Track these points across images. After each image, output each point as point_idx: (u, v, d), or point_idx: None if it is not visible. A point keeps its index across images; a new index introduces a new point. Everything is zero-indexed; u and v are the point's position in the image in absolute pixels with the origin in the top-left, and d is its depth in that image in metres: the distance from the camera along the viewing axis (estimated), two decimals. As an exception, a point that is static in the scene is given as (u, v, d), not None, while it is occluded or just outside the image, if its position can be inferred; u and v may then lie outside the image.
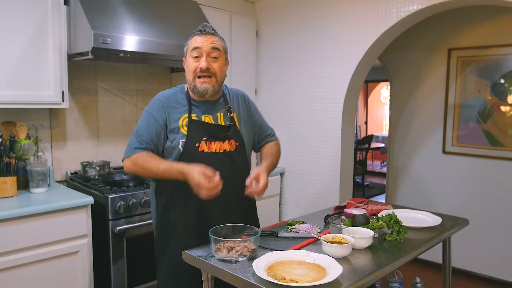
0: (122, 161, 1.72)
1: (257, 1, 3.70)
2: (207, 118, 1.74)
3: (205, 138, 1.70)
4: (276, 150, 1.96)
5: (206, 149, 1.69)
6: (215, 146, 1.71)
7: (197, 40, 1.70)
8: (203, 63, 1.67)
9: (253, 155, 2.66)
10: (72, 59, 2.54)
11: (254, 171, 1.69)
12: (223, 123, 1.76)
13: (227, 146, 1.73)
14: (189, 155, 1.67)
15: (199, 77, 1.69)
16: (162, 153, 1.73)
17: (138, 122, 1.75)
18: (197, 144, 1.68)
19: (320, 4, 3.27)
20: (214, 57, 1.70)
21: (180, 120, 1.71)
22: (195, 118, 1.72)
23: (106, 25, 2.35)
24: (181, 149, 1.68)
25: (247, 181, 1.65)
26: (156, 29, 2.60)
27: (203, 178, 1.49)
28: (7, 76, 2.26)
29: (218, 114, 1.77)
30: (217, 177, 1.52)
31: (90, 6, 2.36)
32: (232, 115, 1.79)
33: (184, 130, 1.69)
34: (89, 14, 2.31)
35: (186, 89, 1.79)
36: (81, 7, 2.32)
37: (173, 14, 2.83)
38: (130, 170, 1.70)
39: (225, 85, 1.87)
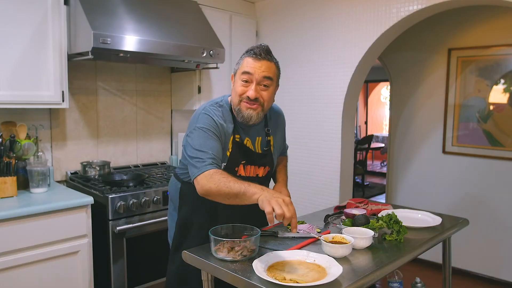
0: (192, 181, 1.53)
1: (257, 1, 3.70)
2: (248, 142, 1.69)
3: (244, 162, 1.68)
4: (285, 161, 1.99)
5: (243, 173, 1.69)
6: (251, 171, 1.71)
7: (250, 64, 1.58)
8: (251, 92, 1.56)
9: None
10: (72, 59, 2.54)
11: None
12: (259, 149, 1.74)
13: (261, 171, 1.74)
14: None
15: (245, 101, 1.60)
16: None
17: (194, 139, 1.56)
18: (236, 169, 1.67)
19: (320, 4, 3.27)
20: (264, 85, 1.60)
21: (230, 141, 1.65)
22: (238, 140, 1.67)
23: (106, 25, 2.35)
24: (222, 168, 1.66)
25: None
26: (156, 29, 2.60)
27: (292, 207, 1.31)
28: (7, 76, 2.26)
29: (257, 138, 1.73)
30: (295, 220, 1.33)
31: (90, 6, 2.36)
32: (269, 138, 1.76)
33: (228, 152, 1.65)
34: (89, 14, 2.31)
35: (229, 102, 1.69)
36: (81, 7, 2.32)
37: (173, 14, 2.83)
38: (204, 188, 1.46)
39: None
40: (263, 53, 1.58)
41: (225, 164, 1.65)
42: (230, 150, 1.65)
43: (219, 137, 1.59)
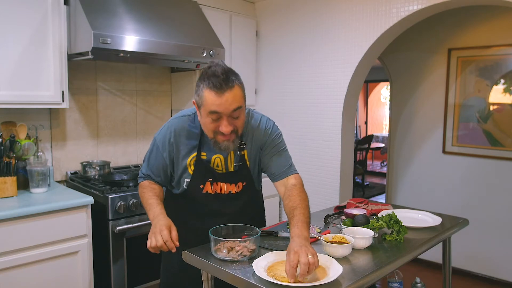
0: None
1: (257, 1, 3.70)
2: (217, 159, 1.63)
3: (210, 179, 1.63)
4: (297, 201, 1.53)
5: (210, 191, 1.64)
6: (221, 188, 1.64)
7: (214, 102, 1.42)
8: (225, 129, 1.46)
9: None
10: (72, 59, 2.53)
11: (290, 248, 1.29)
12: (231, 166, 1.65)
13: (233, 188, 1.65)
14: (192, 194, 1.64)
15: (220, 135, 1.51)
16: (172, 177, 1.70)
17: (149, 148, 1.70)
18: (201, 186, 1.63)
19: (320, 4, 3.27)
20: (235, 117, 1.48)
21: (189, 159, 1.62)
22: (204, 157, 1.61)
23: (106, 25, 2.35)
24: (185, 187, 1.65)
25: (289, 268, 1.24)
26: (156, 29, 2.60)
27: (165, 232, 1.40)
28: (7, 76, 2.26)
29: (230, 153, 1.62)
30: (173, 243, 1.40)
31: (90, 6, 2.36)
32: (243, 152, 1.65)
33: (190, 170, 1.62)
34: (89, 14, 2.31)
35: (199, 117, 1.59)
36: (81, 7, 2.32)
37: (173, 14, 2.83)
38: (139, 189, 1.72)
39: (248, 109, 1.66)
40: (223, 83, 1.41)
41: (188, 180, 1.63)
42: (192, 167, 1.61)
43: (168, 154, 1.63)
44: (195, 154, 1.61)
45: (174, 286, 1.81)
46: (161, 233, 1.39)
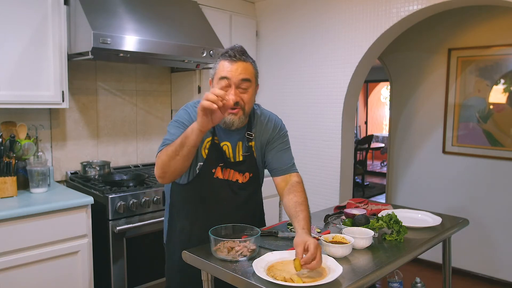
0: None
1: (257, 1, 3.70)
2: (225, 146, 1.66)
3: (221, 164, 1.65)
4: (302, 198, 1.62)
5: (220, 176, 1.66)
6: (230, 174, 1.67)
7: (226, 68, 1.53)
8: (231, 97, 1.50)
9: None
10: (72, 59, 2.54)
11: (297, 240, 1.37)
12: (239, 155, 1.68)
13: (240, 177, 1.68)
14: (204, 178, 1.65)
15: None
16: None
17: (170, 125, 1.65)
18: (213, 170, 1.64)
19: (320, 4, 3.27)
20: (243, 88, 1.57)
21: (204, 144, 1.63)
22: (217, 141, 1.64)
23: (106, 25, 2.35)
24: (198, 171, 1.66)
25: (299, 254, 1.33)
26: (156, 29, 2.60)
27: (210, 95, 1.34)
28: (7, 76, 2.26)
29: (238, 142, 1.67)
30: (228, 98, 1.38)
31: (90, 6, 2.36)
32: (251, 143, 1.69)
33: (204, 154, 1.64)
34: (89, 14, 2.31)
35: None
36: (81, 7, 2.32)
37: (173, 14, 2.83)
38: (158, 166, 1.51)
39: (258, 105, 1.76)
40: (238, 54, 1.54)
41: (201, 163, 1.64)
42: (207, 151, 1.63)
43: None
44: (210, 138, 1.64)
45: (178, 284, 1.81)
46: (208, 96, 1.33)
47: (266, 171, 1.78)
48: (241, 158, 1.68)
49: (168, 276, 1.80)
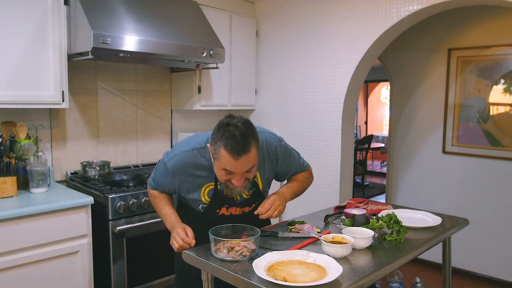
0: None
1: (257, 1, 3.70)
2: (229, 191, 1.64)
3: (226, 206, 1.71)
4: (302, 177, 1.83)
5: (226, 213, 1.72)
6: (235, 210, 1.73)
7: (229, 163, 1.45)
8: (237, 183, 1.51)
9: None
10: (72, 59, 2.53)
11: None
12: (246, 193, 1.68)
13: (247, 209, 1.74)
14: (208, 216, 1.71)
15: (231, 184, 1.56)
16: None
17: (158, 166, 1.73)
18: (217, 210, 1.71)
19: (320, 4, 3.27)
20: (248, 171, 1.51)
21: (202, 190, 1.66)
22: (219, 188, 1.65)
23: (106, 25, 2.35)
24: (201, 210, 1.72)
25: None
26: (156, 29, 2.60)
27: (181, 233, 1.57)
28: (7, 76, 2.26)
29: None
30: (190, 239, 1.56)
31: (90, 6, 2.36)
32: (255, 178, 1.70)
33: (204, 199, 1.68)
34: (89, 14, 2.31)
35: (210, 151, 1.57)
36: (81, 7, 2.32)
37: (173, 14, 2.83)
38: (149, 195, 1.85)
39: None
40: (241, 150, 1.42)
41: (204, 205, 1.69)
42: (206, 197, 1.67)
43: (178, 182, 1.67)
44: (211, 184, 1.66)
45: (187, 280, 1.81)
46: (179, 235, 1.57)
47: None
48: (248, 196, 1.71)
49: (177, 275, 1.85)
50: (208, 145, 1.54)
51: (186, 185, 1.67)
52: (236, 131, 1.43)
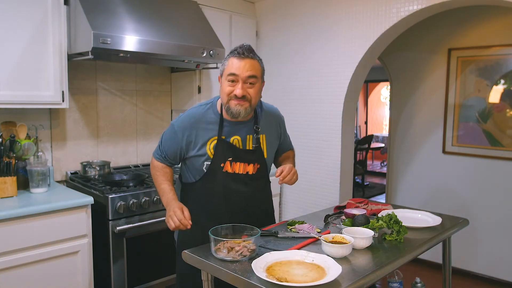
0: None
1: (257, 1, 3.70)
2: (235, 140, 1.75)
3: (230, 158, 1.73)
4: (292, 153, 2.06)
5: (230, 170, 1.74)
6: (239, 167, 1.75)
7: (234, 65, 1.64)
8: (238, 91, 1.64)
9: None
10: (72, 59, 2.53)
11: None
12: (251, 146, 1.78)
13: (250, 168, 1.77)
14: (213, 173, 1.74)
15: (233, 99, 1.68)
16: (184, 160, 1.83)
17: (165, 132, 1.84)
18: (222, 165, 1.74)
19: (320, 4, 3.27)
20: (250, 83, 1.67)
21: (208, 143, 1.73)
22: (224, 138, 1.74)
23: (106, 25, 2.35)
24: (205, 170, 1.75)
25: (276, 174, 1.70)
26: (156, 29, 2.60)
27: (178, 213, 1.62)
28: (7, 76, 2.26)
29: (248, 136, 1.78)
30: (186, 221, 1.61)
31: (90, 6, 2.36)
32: (261, 136, 1.81)
33: (210, 153, 1.73)
34: (89, 14, 2.31)
35: (218, 105, 1.78)
36: (81, 7, 2.32)
37: (173, 14, 2.83)
38: (151, 167, 1.90)
39: (261, 101, 1.86)
40: (246, 52, 1.65)
41: (208, 163, 1.74)
42: (212, 150, 1.73)
43: (186, 138, 1.75)
44: (215, 137, 1.73)
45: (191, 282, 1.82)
46: (175, 214, 1.61)
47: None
48: (251, 147, 1.77)
49: (179, 274, 1.86)
50: (218, 76, 1.74)
51: (194, 139, 1.74)
52: (245, 44, 1.68)
